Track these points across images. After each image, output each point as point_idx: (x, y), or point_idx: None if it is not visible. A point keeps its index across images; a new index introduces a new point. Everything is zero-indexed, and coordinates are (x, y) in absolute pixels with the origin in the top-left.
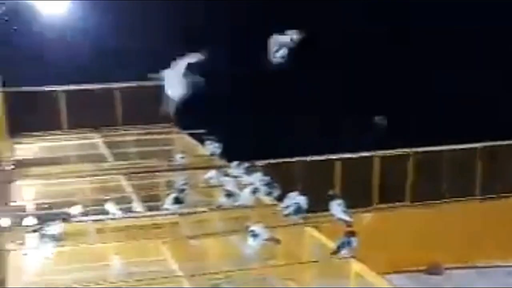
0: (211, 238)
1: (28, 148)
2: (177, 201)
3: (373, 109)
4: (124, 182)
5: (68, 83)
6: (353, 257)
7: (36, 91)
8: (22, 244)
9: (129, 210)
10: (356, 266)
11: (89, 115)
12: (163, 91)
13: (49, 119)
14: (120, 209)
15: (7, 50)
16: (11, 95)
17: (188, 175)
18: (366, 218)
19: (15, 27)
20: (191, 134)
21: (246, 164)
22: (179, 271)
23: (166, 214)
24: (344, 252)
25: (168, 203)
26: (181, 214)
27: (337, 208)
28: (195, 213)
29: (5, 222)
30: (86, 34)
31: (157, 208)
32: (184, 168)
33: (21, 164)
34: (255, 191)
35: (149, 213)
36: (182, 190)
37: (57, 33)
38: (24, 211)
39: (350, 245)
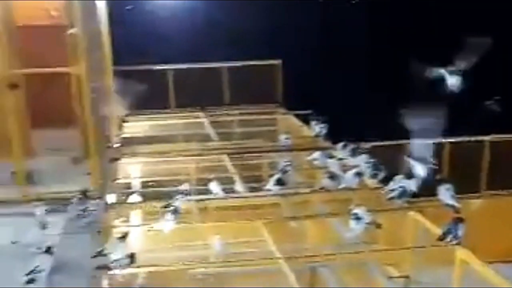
0: (312, 220)
1: (136, 126)
2: (280, 182)
3: (486, 93)
4: (228, 162)
5: (178, 62)
6: (458, 243)
7: (145, 69)
8: (127, 221)
9: (231, 190)
10: (461, 253)
11: (196, 94)
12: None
13: (157, 97)
14: (223, 189)
15: (119, 29)
16: (121, 73)
17: (292, 156)
18: (474, 204)
19: (129, 7)
20: (296, 115)
21: (352, 146)
22: (278, 252)
23: (268, 195)
24: (450, 238)
25: (270, 184)
26: (282, 195)
27: (445, 193)
28: (297, 194)
29: (111, 198)
30: (196, 13)
31: (259, 189)
32: (288, 149)
33: (128, 142)
34: (359, 173)
35: (251, 193)
36: (285, 171)
37: (168, 12)
38: (130, 188)
39: (457, 231)
